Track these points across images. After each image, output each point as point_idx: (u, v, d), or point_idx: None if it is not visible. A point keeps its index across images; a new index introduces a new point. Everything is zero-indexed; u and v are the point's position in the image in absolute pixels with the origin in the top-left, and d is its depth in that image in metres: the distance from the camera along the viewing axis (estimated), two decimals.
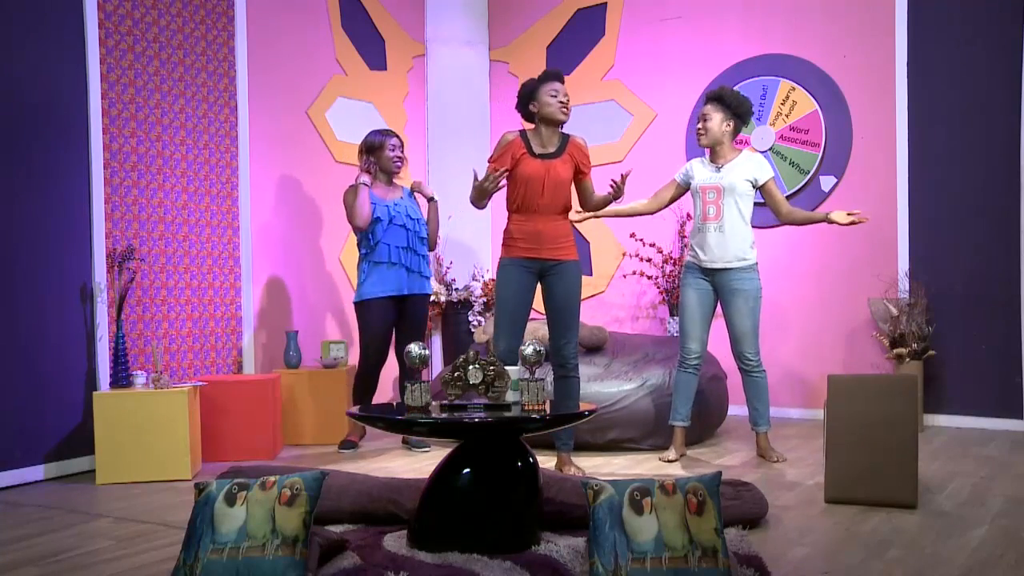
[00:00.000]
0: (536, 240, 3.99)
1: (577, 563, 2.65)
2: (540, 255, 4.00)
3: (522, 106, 4.07)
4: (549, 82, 4.00)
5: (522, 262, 4.01)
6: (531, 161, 3.97)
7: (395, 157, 4.74)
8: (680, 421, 4.41)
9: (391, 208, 4.68)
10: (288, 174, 5.61)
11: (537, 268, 4.02)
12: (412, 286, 4.70)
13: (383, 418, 3.06)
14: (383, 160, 4.74)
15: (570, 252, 4.05)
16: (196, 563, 2.37)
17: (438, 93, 6.68)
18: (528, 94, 4.03)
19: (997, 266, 5.21)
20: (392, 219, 4.65)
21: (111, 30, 4.58)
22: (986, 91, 5.24)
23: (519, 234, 4.01)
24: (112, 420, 4.11)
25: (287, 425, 5.06)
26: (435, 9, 6.68)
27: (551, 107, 3.96)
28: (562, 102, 3.97)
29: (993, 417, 5.21)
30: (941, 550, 2.85)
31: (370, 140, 4.78)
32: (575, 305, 4.03)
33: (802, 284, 5.77)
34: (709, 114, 4.32)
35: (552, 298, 4.04)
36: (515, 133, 4.04)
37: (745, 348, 4.31)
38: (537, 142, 4.02)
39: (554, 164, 3.98)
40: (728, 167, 4.32)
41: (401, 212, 4.69)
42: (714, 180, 4.31)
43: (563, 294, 4.01)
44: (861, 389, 3.48)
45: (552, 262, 4.01)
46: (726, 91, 4.34)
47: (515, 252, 4.02)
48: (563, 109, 3.98)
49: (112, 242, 4.55)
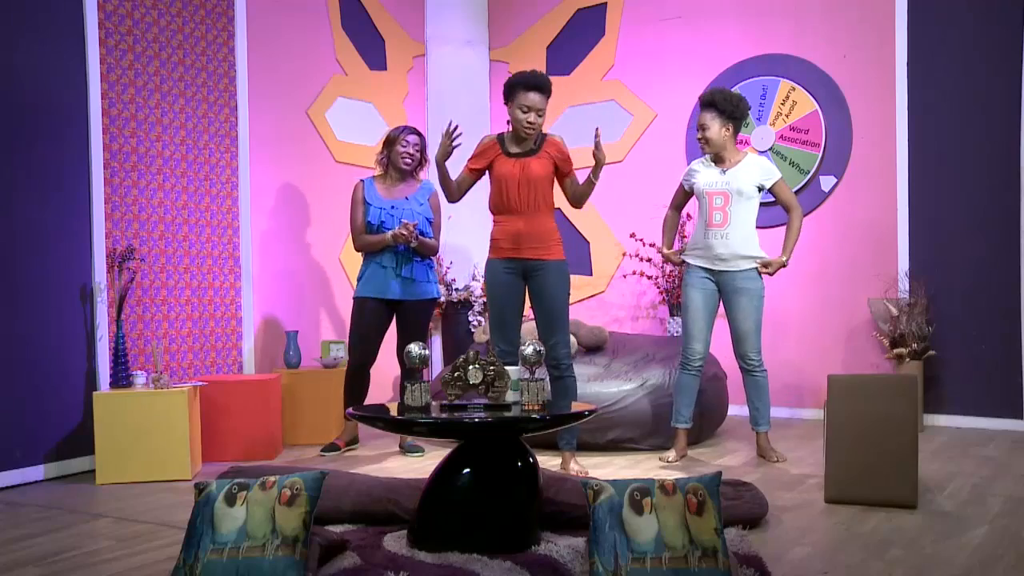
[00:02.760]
0: (516, 240, 3.98)
1: (577, 563, 2.65)
2: (521, 255, 3.99)
3: (504, 98, 4.03)
4: (531, 91, 3.90)
5: (504, 263, 4.01)
6: (505, 161, 3.99)
7: (405, 154, 4.66)
8: (682, 423, 4.41)
9: (385, 211, 4.62)
10: (288, 174, 5.61)
11: (520, 269, 4.01)
12: (407, 292, 4.62)
13: (383, 418, 3.07)
14: (393, 155, 4.69)
15: (554, 252, 4.01)
16: (196, 563, 2.37)
17: (438, 93, 6.67)
18: (507, 93, 3.98)
19: (997, 266, 5.21)
20: (383, 223, 4.61)
21: (111, 30, 4.58)
22: (986, 91, 5.24)
23: (500, 235, 4.03)
24: (112, 420, 4.11)
25: (287, 425, 5.06)
26: (435, 9, 6.67)
27: (518, 122, 3.94)
28: (530, 122, 3.91)
29: (993, 417, 5.21)
30: (941, 550, 2.85)
31: (389, 133, 4.76)
32: (562, 305, 4.01)
33: (802, 284, 5.77)
34: (707, 123, 4.29)
35: (538, 299, 4.02)
36: (493, 136, 4.08)
37: (748, 348, 4.31)
38: (512, 142, 4.02)
39: (528, 162, 3.97)
40: (734, 171, 4.30)
41: (397, 216, 4.62)
42: (721, 185, 4.29)
43: (548, 295, 3.99)
44: (861, 389, 3.49)
45: (535, 262, 3.99)
46: (718, 95, 4.31)
47: (497, 253, 4.04)
48: (527, 129, 3.93)
49: (112, 242, 4.55)
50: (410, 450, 4.71)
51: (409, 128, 4.75)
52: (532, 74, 3.95)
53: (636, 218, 6.23)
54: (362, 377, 4.69)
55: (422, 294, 4.68)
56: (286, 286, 5.56)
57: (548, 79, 3.99)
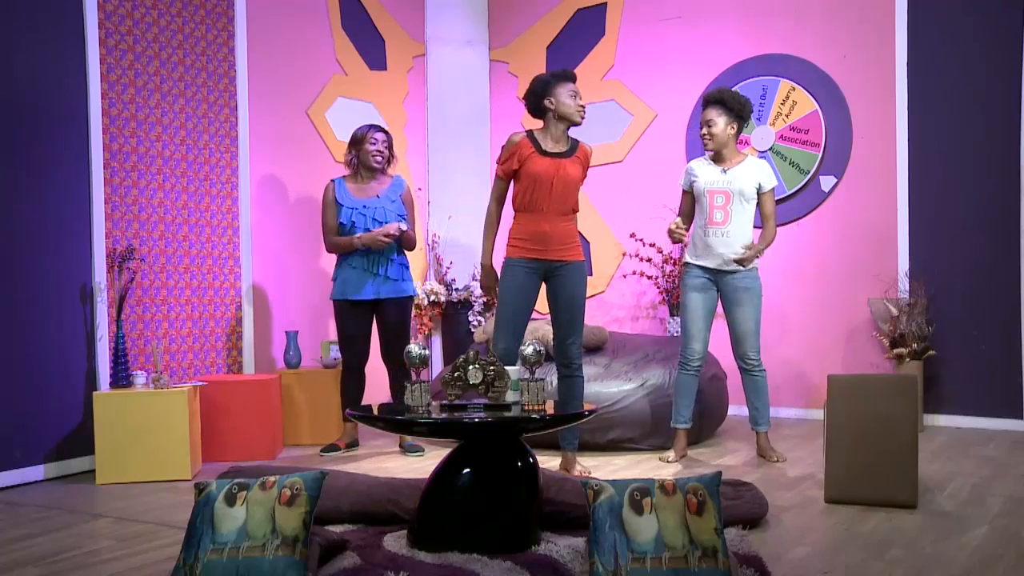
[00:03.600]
0: (543, 241, 3.93)
1: (577, 563, 2.65)
2: (547, 256, 3.94)
3: (535, 99, 3.95)
4: (569, 81, 3.93)
5: (527, 263, 3.95)
6: (540, 159, 3.89)
7: (375, 151, 4.67)
8: (682, 423, 4.41)
9: (356, 211, 4.62)
10: (288, 174, 5.61)
11: (543, 270, 3.97)
12: (382, 291, 4.63)
13: (383, 418, 3.07)
14: (363, 154, 4.69)
15: (576, 253, 4.00)
16: (196, 563, 2.37)
17: (438, 93, 6.67)
18: (543, 89, 3.92)
19: (997, 266, 5.21)
20: (355, 224, 4.61)
21: (111, 30, 4.58)
22: (986, 91, 5.24)
23: (525, 234, 3.94)
24: (112, 420, 4.11)
25: (287, 425, 5.06)
26: (435, 9, 6.67)
27: (571, 108, 3.90)
28: (581, 104, 3.93)
29: (993, 417, 5.21)
30: (941, 550, 2.85)
31: (354, 133, 4.77)
32: (581, 305, 4.01)
33: (802, 284, 5.77)
34: (713, 119, 4.29)
35: (558, 298, 4.00)
36: (521, 134, 3.96)
37: (747, 348, 4.31)
38: (547, 140, 3.95)
39: (564, 163, 3.92)
40: (735, 171, 4.30)
41: (368, 216, 4.62)
42: (722, 184, 4.29)
43: (570, 294, 3.98)
44: (861, 389, 3.49)
45: (558, 263, 3.97)
46: (726, 93, 4.31)
47: (520, 253, 3.95)
48: (582, 112, 3.94)
49: (112, 242, 4.55)
50: (410, 450, 4.71)
51: (374, 126, 4.78)
52: (564, 69, 4.02)
53: (636, 218, 6.23)
54: (356, 378, 4.71)
55: (398, 292, 4.69)
56: (286, 286, 5.56)
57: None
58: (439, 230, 6.48)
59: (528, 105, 4.00)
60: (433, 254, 6.48)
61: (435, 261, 6.45)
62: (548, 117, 3.94)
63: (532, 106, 3.98)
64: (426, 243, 6.54)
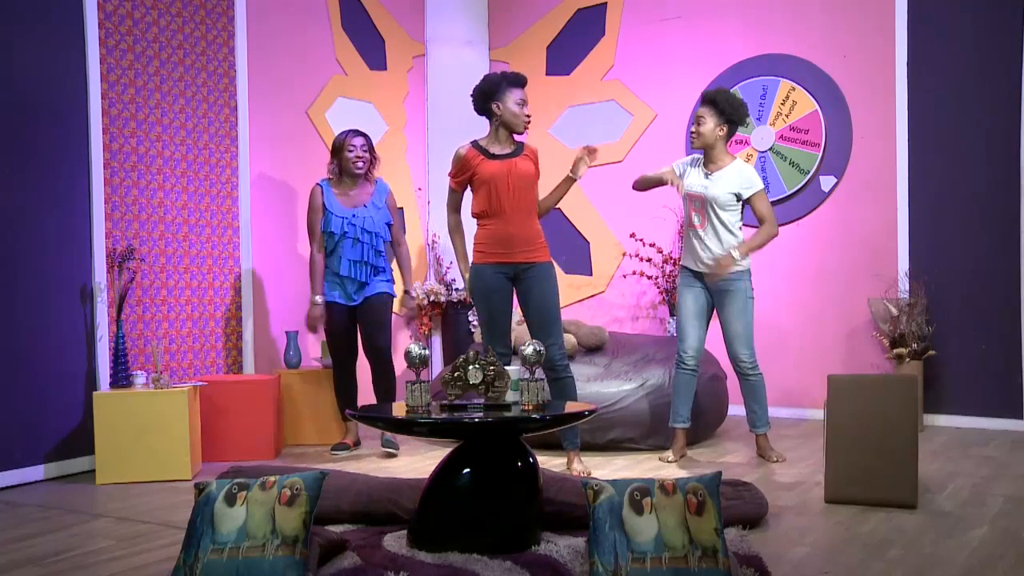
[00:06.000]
0: (507, 244, 3.94)
1: (577, 563, 2.65)
2: (512, 259, 3.95)
3: (483, 100, 3.97)
4: (519, 87, 3.93)
5: (494, 267, 3.97)
6: (490, 163, 3.93)
7: (356, 158, 4.64)
8: (680, 423, 4.41)
9: (347, 221, 4.62)
10: (288, 174, 5.61)
11: (511, 272, 3.98)
12: (361, 293, 4.66)
13: (383, 418, 3.07)
14: (344, 161, 4.67)
15: (543, 254, 4.01)
16: (196, 563, 2.37)
17: (438, 93, 6.67)
18: (492, 90, 3.94)
19: (997, 266, 5.21)
20: (346, 233, 4.61)
21: (111, 30, 4.58)
22: (986, 91, 5.24)
23: (488, 239, 3.97)
24: (112, 420, 4.11)
25: (287, 425, 5.06)
26: (435, 9, 6.67)
27: (516, 117, 3.93)
28: (527, 115, 3.95)
29: (993, 417, 5.21)
30: (941, 550, 2.85)
31: (334, 141, 4.75)
32: (554, 306, 4.00)
33: (802, 284, 5.77)
34: (703, 118, 4.29)
35: (529, 302, 3.99)
36: (466, 145, 4.01)
37: (739, 351, 4.30)
38: (493, 145, 3.98)
39: (515, 162, 3.95)
40: (716, 176, 4.29)
41: (357, 225, 4.62)
42: (699, 188, 4.30)
43: (540, 296, 3.97)
44: (861, 389, 3.49)
45: (525, 265, 3.97)
46: (721, 95, 4.30)
47: (485, 258, 3.98)
48: (527, 121, 3.96)
49: (112, 242, 4.55)
50: (386, 444, 4.67)
51: (352, 131, 4.73)
52: (515, 73, 4.00)
53: (636, 218, 6.23)
54: (346, 376, 4.73)
55: (376, 291, 4.68)
56: (286, 286, 5.56)
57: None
58: (439, 230, 6.48)
59: (475, 104, 4.01)
60: (433, 254, 6.48)
61: (435, 261, 6.45)
62: (493, 121, 3.97)
63: (478, 106, 4.00)
64: (426, 243, 6.54)
